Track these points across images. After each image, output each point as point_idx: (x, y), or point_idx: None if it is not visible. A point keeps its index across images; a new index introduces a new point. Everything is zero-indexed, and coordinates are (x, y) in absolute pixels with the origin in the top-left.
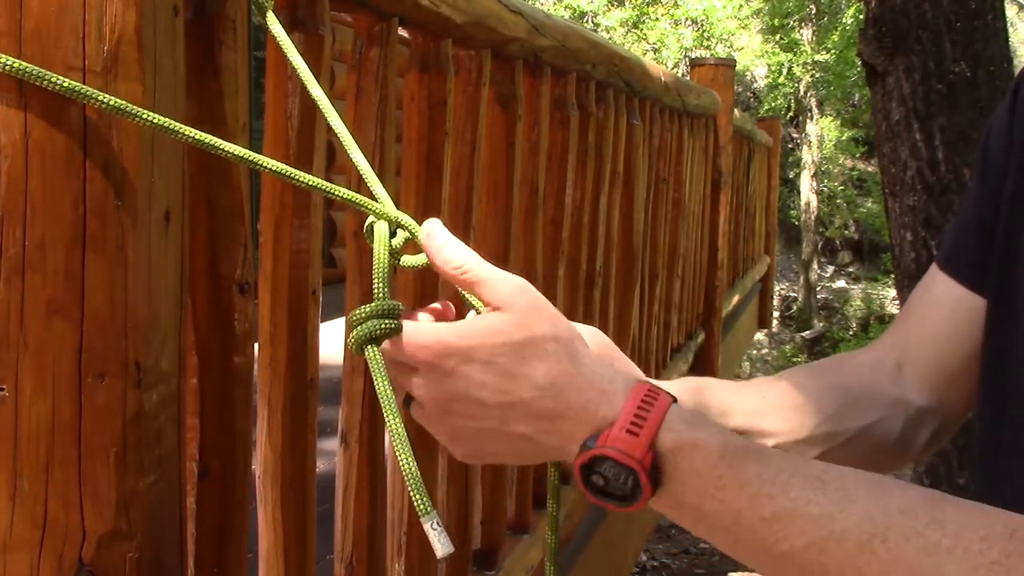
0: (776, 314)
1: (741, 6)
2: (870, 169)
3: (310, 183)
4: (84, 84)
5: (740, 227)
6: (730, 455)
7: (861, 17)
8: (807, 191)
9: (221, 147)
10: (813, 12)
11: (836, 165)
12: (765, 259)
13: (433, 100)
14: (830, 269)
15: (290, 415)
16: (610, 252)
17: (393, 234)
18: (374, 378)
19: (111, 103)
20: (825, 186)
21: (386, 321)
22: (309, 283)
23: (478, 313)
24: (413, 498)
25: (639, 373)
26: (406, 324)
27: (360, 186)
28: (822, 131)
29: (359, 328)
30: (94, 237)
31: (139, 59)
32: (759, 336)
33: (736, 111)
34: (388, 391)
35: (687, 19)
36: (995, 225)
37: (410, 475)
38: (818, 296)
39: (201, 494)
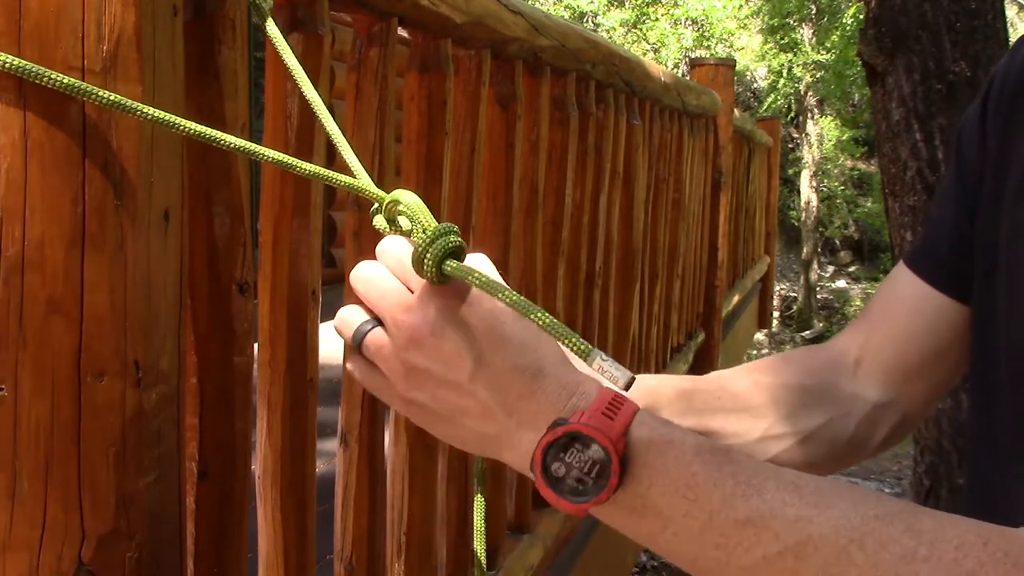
0: (776, 314)
1: (741, 6)
2: (870, 169)
3: (310, 171)
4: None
5: (740, 227)
6: (705, 453)
7: (861, 17)
8: (807, 191)
9: (220, 139)
10: (813, 12)
11: (836, 165)
12: (765, 259)
13: (433, 100)
14: (830, 269)
15: (290, 415)
16: (610, 252)
17: (392, 221)
18: (473, 277)
19: (110, 99)
20: (825, 186)
21: (452, 237)
22: (309, 283)
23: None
24: (569, 342)
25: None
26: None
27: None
28: (822, 131)
29: (434, 247)
30: (93, 236)
31: (138, 59)
32: (759, 336)
33: (736, 111)
34: (493, 280)
35: (687, 19)
36: (971, 229)
37: (555, 327)
38: (818, 296)
39: (201, 494)
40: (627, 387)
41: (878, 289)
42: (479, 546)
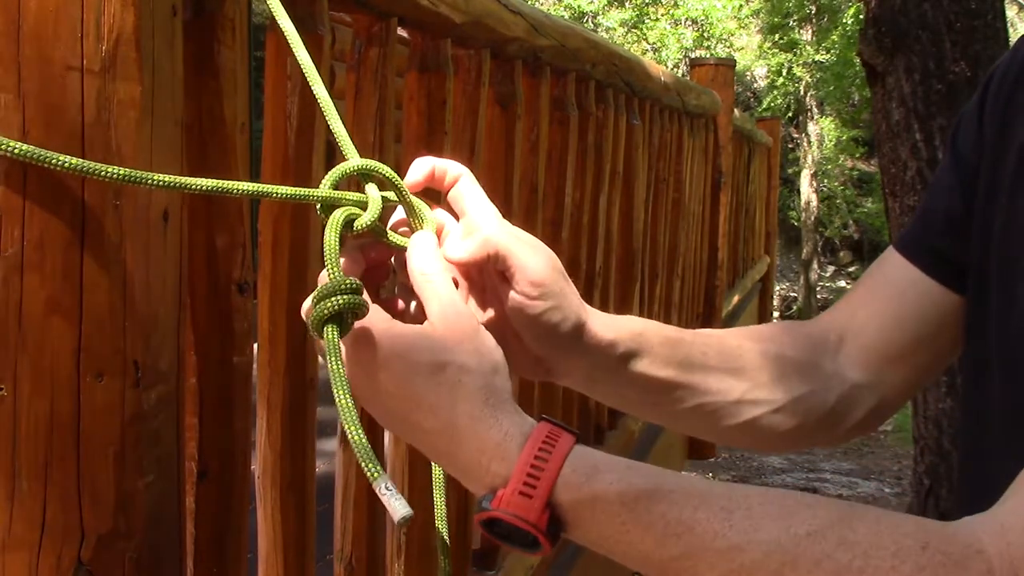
0: (776, 314)
1: (741, 6)
2: (870, 169)
3: (318, 196)
4: (82, 83)
5: (740, 227)
6: (631, 501)
7: (861, 17)
8: (807, 191)
9: (232, 188)
10: (813, 12)
11: (836, 165)
12: (765, 259)
13: (432, 100)
14: (830, 269)
15: (290, 415)
16: (610, 252)
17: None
18: (329, 359)
19: (118, 174)
20: (825, 186)
21: (352, 297)
22: (309, 283)
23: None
24: (363, 467)
25: (587, 314)
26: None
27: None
28: (822, 131)
29: (323, 304)
30: (92, 237)
31: (137, 59)
32: None
33: (736, 111)
34: (341, 372)
35: (687, 19)
36: (965, 218)
37: (359, 446)
38: (818, 296)
39: (200, 494)
40: (403, 523)
41: (866, 271)
42: (440, 523)
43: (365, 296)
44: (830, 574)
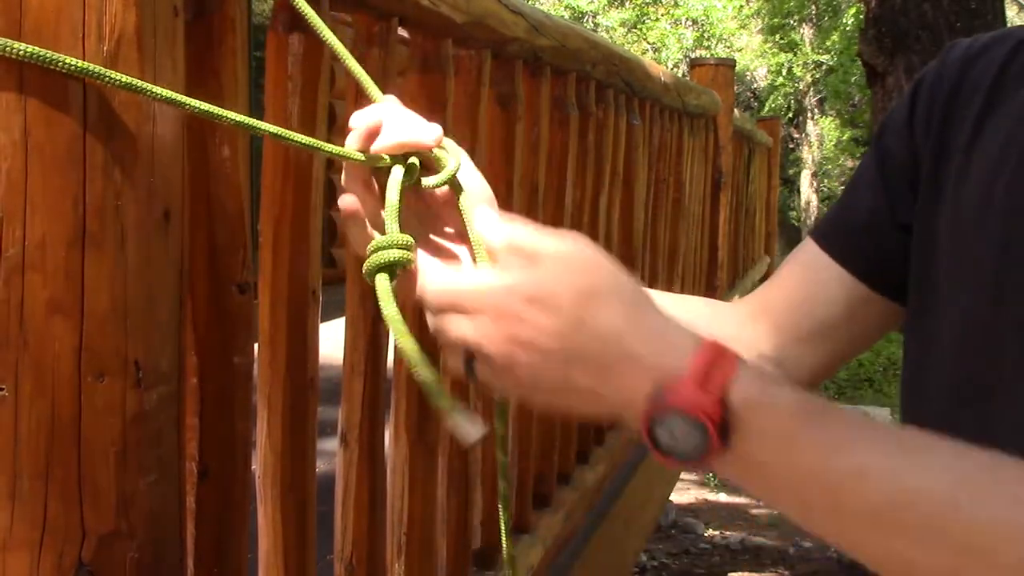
0: None
1: (741, 6)
2: None
3: (313, 144)
4: (84, 83)
5: (740, 227)
6: (803, 413)
7: (861, 17)
8: (807, 191)
9: (224, 116)
10: (813, 12)
11: (836, 165)
12: (765, 259)
13: (433, 100)
14: None
15: (290, 415)
16: (610, 252)
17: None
18: (382, 305)
19: (122, 80)
20: (825, 186)
21: (404, 252)
22: (309, 283)
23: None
24: (439, 404)
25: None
26: (464, 271)
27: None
28: (822, 131)
29: (377, 255)
30: (94, 237)
31: (139, 59)
32: None
33: (736, 111)
34: (396, 315)
35: (687, 19)
36: (887, 218)
37: (428, 383)
38: None
39: (201, 494)
40: (477, 442)
41: (785, 259)
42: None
43: (417, 253)
44: (1007, 503)
